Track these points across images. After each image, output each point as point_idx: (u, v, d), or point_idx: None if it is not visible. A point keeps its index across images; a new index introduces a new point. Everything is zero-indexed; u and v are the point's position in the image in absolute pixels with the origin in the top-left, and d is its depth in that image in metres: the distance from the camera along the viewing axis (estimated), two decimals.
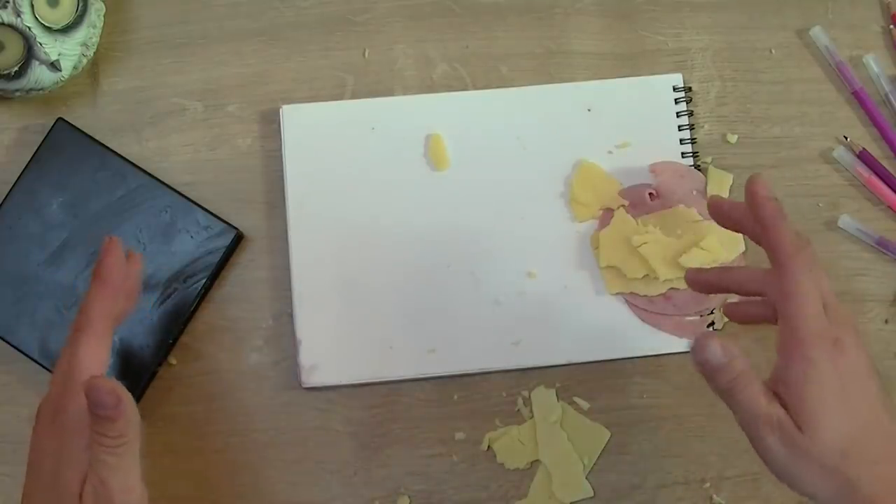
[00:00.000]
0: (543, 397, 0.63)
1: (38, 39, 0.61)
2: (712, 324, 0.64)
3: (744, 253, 0.64)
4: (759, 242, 0.51)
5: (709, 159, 0.66)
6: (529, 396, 0.63)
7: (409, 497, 0.62)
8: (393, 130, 0.65)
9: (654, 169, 0.65)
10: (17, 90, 0.62)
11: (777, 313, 0.48)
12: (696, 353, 0.47)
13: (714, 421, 0.63)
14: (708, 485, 0.62)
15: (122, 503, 0.46)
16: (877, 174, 0.65)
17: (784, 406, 0.46)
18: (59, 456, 0.47)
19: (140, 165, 0.64)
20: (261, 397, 0.63)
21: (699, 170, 0.65)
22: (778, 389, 0.47)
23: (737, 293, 0.54)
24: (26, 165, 0.64)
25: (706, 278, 0.56)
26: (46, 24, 0.61)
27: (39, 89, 0.62)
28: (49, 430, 0.48)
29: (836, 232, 0.65)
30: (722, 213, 0.54)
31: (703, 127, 0.66)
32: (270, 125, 0.65)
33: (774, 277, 0.49)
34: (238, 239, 0.64)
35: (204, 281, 0.63)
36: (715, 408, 0.63)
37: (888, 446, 0.46)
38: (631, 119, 0.65)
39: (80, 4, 0.62)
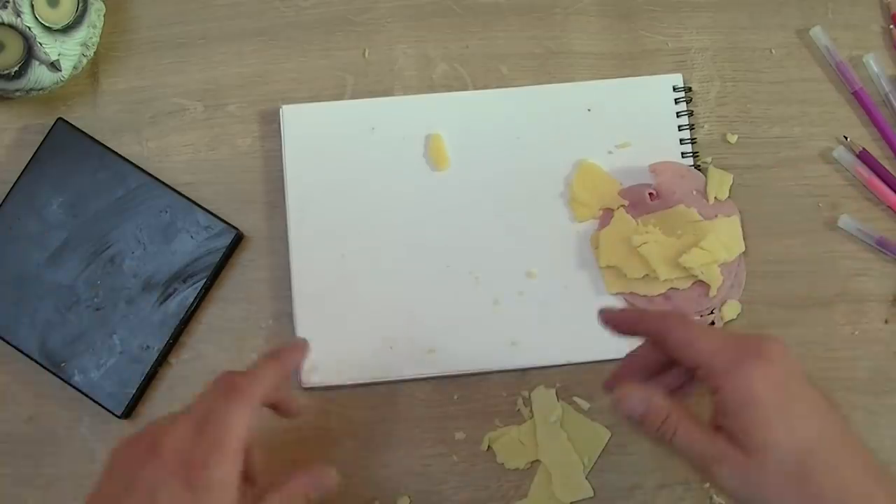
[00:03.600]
0: (543, 397, 0.63)
1: (38, 39, 0.61)
2: (712, 324, 0.63)
3: (744, 254, 0.64)
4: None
5: (709, 159, 0.66)
6: (529, 396, 0.63)
7: (409, 497, 0.62)
8: (393, 130, 0.65)
9: (654, 169, 0.65)
10: (17, 90, 0.62)
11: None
12: (618, 408, 0.47)
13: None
14: (708, 485, 0.62)
15: None
16: (877, 174, 0.65)
17: (730, 437, 0.44)
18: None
19: (140, 165, 0.64)
20: None
21: (699, 170, 0.65)
22: (721, 423, 0.45)
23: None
24: (26, 165, 0.64)
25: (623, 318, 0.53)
26: (46, 24, 0.61)
27: (39, 89, 0.62)
28: (172, 471, 0.43)
29: (836, 232, 0.65)
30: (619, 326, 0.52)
31: (703, 127, 0.66)
32: (270, 125, 0.65)
33: (668, 349, 0.48)
34: (238, 239, 0.64)
35: (204, 281, 0.63)
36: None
37: (846, 449, 0.44)
38: (631, 119, 0.65)
39: (80, 4, 0.62)
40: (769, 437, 0.43)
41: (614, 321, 0.52)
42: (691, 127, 0.66)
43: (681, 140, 0.65)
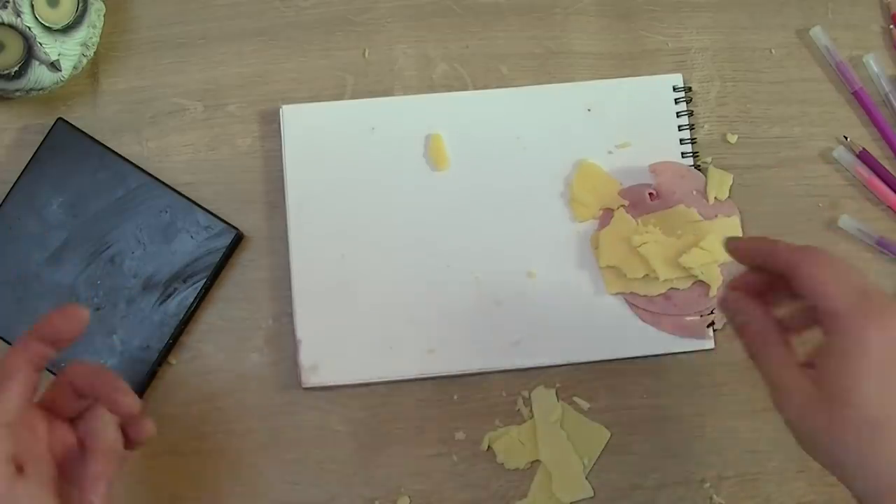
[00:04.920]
0: (543, 397, 0.63)
1: (38, 39, 0.61)
2: (712, 324, 0.63)
3: None
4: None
5: (709, 159, 0.66)
6: (529, 396, 0.63)
7: (409, 497, 0.62)
8: (393, 130, 0.65)
9: (654, 169, 0.65)
10: (17, 90, 0.62)
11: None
12: (720, 307, 0.51)
13: (714, 421, 0.63)
14: (708, 485, 0.62)
15: None
16: (877, 174, 0.65)
17: (819, 377, 0.45)
18: None
19: (140, 165, 0.64)
20: (261, 397, 0.63)
21: (699, 170, 0.65)
22: (817, 363, 0.45)
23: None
24: (26, 165, 0.64)
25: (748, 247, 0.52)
26: (46, 24, 0.61)
27: (39, 89, 0.62)
28: None
29: (836, 232, 0.65)
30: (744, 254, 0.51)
31: (703, 127, 0.66)
32: (270, 125, 0.66)
33: (795, 283, 0.47)
34: (238, 239, 0.64)
35: (204, 281, 0.63)
36: (715, 408, 0.63)
37: None
38: (631, 119, 0.65)
39: (80, 4, 0.62)
40: (859, 391, 0.43)
41: (740, 251, 0.51)
42: (691, 127, 0.66)
43: (681, 140, 0.65)
